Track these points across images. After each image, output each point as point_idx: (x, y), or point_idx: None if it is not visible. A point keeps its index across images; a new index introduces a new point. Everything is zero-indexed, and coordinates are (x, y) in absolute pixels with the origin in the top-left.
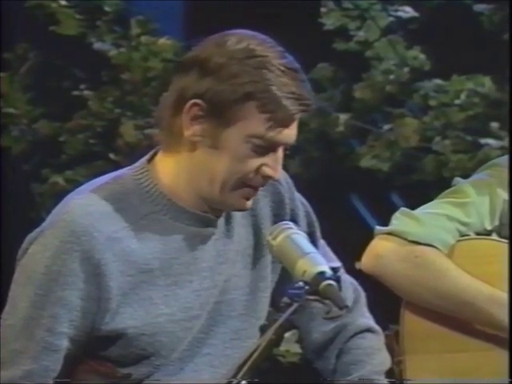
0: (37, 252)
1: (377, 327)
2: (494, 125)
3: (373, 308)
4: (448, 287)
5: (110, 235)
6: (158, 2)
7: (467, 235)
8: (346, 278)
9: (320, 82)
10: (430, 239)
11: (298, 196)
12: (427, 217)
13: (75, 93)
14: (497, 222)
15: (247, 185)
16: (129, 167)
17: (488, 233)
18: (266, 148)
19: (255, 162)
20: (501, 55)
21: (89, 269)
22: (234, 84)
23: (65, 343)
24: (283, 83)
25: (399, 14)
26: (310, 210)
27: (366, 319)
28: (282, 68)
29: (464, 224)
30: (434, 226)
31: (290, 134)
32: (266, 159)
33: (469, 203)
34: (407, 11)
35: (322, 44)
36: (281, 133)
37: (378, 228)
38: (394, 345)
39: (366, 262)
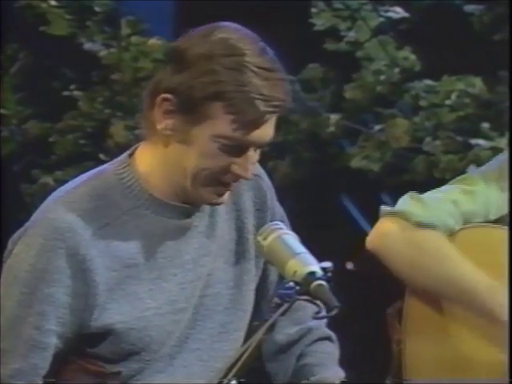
0: (21, 251)
1: (335, 339)
2: (485, 125)
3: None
4: (448, 273)
5: (94, 231)
6: (149, 3)
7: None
8: None
9: (310, 83)
10: (433, 221)
11: (275, 197)
12: (433, 200)
13: (65, 93)
14: (502, 213)
15: (218, 181)
16: (111, 162)
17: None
18: (234, 147)
19: (224, 161)
20: (491, 56)
21: (74, 265)
22: (204, 82)
23: (53, 341)
24: (254, 84)
25: (390, 14)
26: (284, 214)
27: (328, 330)
28: (256, 68)
29: (469, 211)
30: (439, 209)
31: (263, 134)
32: (236, 158)
33: (477, 192)
34: (398, 12)
35: (312, 44)
36: (250, 134)
37: (383, 208)
38: (395, 323)
39: (370, 240)
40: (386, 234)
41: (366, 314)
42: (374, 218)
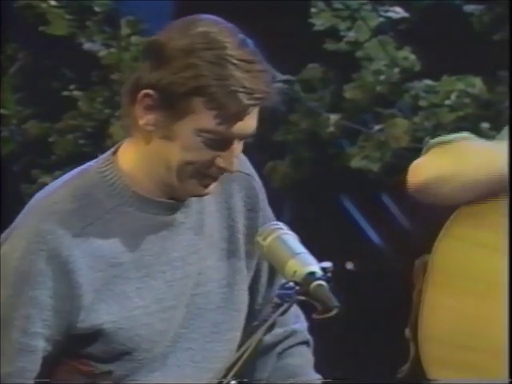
0: (6, 253)
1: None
2: (485, 125)
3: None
4: (495, 164)
5: (77, 232)
6: (148, 3)
7: None
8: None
9: (310, 83)
10: (461, 136)
11: (266, 199)
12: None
13: (65, 93)
14: None
15: (204, 174)
16: (95, 159)
17: None
18: (218, 141)
19: (208, 154)
20: (491, 56)
21: (57, 267)
22: (185, 77)
23: (40, 343)
24: (236, 78)
25: (389, 14)
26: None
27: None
28: (237, 61)
29: None
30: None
31: (246, 126)
32: (221, 152)
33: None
34: (397, 12)
35: (312, 44)
36: (233, 127)
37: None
38: (420, 273)
39: (412, 180)
40: (421, 164)
41: (366, 314)
42: (373, 218)
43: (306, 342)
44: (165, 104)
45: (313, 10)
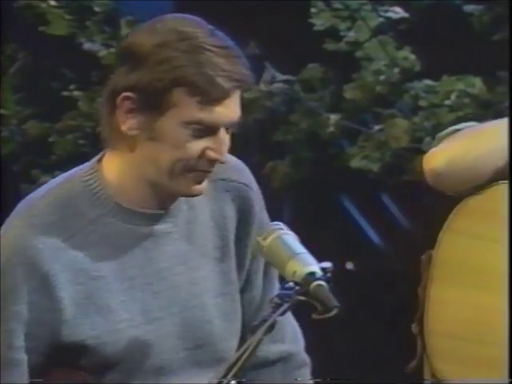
0: None
1: (310, 365)
2: None
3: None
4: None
5: (56, 245)
6: (148, 3)
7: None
8: (289, 318)
9: (310, 83)
10: (471, 124)
11: (264, 208)
12: None
13: (65, 93)
14: None
15: (195, 169)
16: (80, 167)
17: None
18: (205, 131)
19: (197, 147)
20: (491, 56)
21: (38, 281)
22: (161, 72)
23: (26, 356)
24: (212, 62)
25: (389, 14)
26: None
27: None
28: (213, 47)
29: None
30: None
31: (229, 113)
32: (209, 142)
33: None
34: (397, 12)
35: (312, 44)
36: (216, 113)
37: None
38: (425, 269)
39: (426, 167)
40: (434, 151)
41: (366, 314)
42: (373, 218)
43: (304, 365)
44: (146, 104)
45: (313, 9)
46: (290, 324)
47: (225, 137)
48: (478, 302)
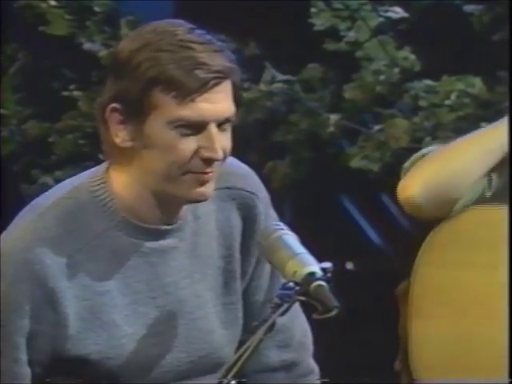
0: None
1: (317, 372)
2: (484, 125)
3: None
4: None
5: (64, 261)
6: (148, 3)
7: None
8: (300, 321)
9: (310, 83)
10: (430, 149)
11: (273, 214)
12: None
13: (65, 93)
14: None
15: (193, 172)
16: (88, 175)
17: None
18: (191, 129)
19: (188, 147)
20: (491, 56)
21: (43, 296)
22: (136, 75)
23: (30, 369)
24: (191, 57)
25: (389, 14)
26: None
27: (312, 360)
28: (190, 43)
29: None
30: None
31: (213, 108)
32: (200, 141)
33: None
34: (397, 12)
35: (312, 44)
36: (198, 109)
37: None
38: (403, 305)
39: (402, 198)
40: (408, 182)
41: (366, 314)
42: (373, 218)
43: (309, 373)
44: (130, 111)
45: (313, 10)
46: (299, 328)
47: (217, 134)
48: (461, 332)
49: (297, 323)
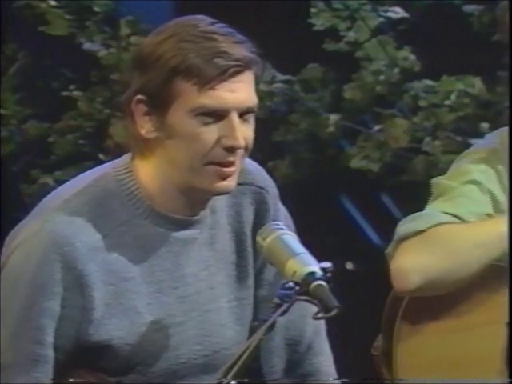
0: (20, 263)
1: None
2: (484, 125)
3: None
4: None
5: (92, 245)
6: (148, 3)
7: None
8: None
9: (310, 83)
10: (433, 221)
11: (281, 208)
12: (419, 214)
13: (64, 93)
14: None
15: (216, 163)
16: (112, 164)
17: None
18: (213, 117)
19: (210, 136)
20: (491, 56)
21: (72, 278)
22: (159, 66)
23: (53, 353)
24: (213, 47)
25: (389, 14)
26: (292, 224)
27: (322, 356)
28: (211, 34)
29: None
30: (430, 213)
31: (234, 96)
32: (221, 130)
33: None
34: (397, 12)
35: (311, 44)
36: (219, 97)
37: (388, 250)
38: (382, 367)
39: (399, 286)
40: (401, 264)
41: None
42: (373, 218)
43: (315, 373)
44: (155, 102)
45: (312, 10)
46: (309, 328)
47: (238, 123)
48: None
49: (308, 322)
